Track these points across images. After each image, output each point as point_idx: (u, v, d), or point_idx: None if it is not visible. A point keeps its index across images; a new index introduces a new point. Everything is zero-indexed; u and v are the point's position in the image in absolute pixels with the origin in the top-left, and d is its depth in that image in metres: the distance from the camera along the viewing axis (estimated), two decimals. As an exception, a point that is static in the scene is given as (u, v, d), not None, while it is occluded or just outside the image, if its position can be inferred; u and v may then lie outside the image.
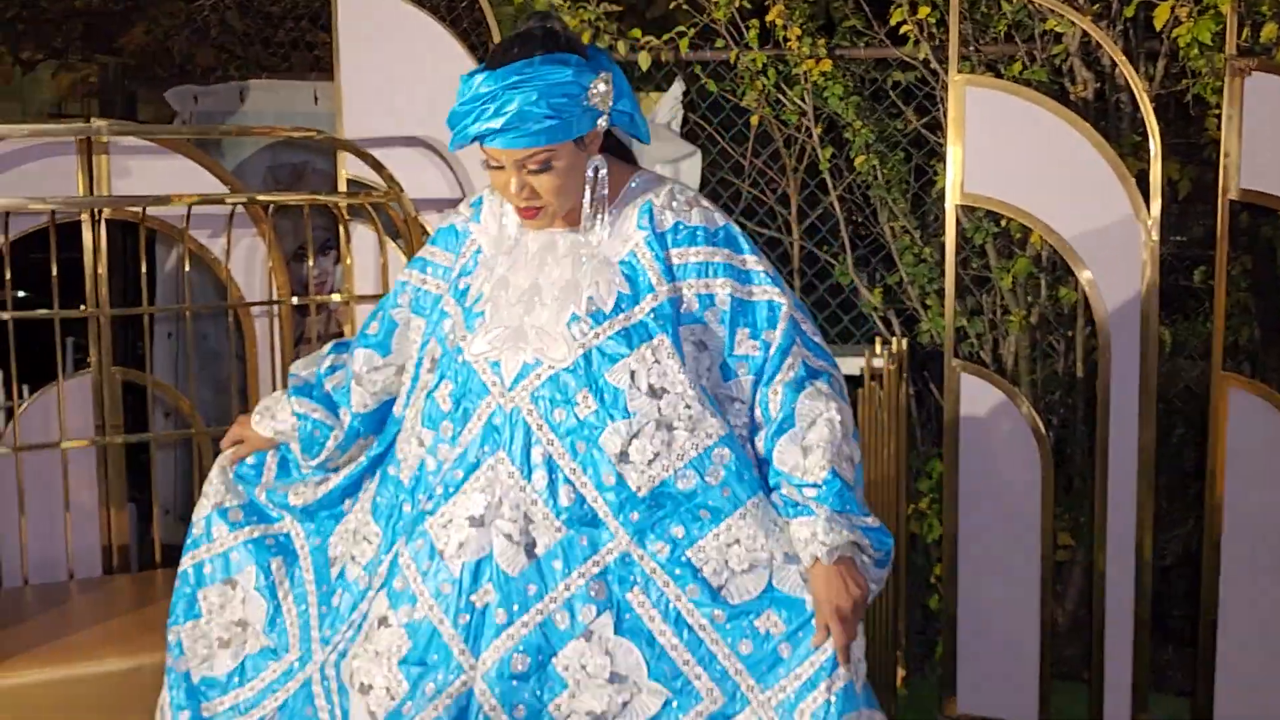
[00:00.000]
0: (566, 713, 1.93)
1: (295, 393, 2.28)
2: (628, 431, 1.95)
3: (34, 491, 3.35)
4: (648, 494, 1.96)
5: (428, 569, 1.99)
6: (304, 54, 4.67)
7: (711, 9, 3.89)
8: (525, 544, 1.95)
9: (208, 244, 3.56)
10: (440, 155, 3.65)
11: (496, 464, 1.98)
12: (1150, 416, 3.22)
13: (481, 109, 1.90)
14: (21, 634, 2.90)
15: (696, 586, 1.95)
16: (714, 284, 2.02)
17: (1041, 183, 3.25)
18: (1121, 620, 3.31)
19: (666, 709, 1.94)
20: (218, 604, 2.26)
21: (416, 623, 1.98)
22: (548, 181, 1.95)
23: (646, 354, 1.97)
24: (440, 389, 2.05)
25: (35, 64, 6.11)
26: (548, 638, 1.94)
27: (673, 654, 1.95)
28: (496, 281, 2.06)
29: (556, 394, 1.97)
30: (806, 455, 1.98)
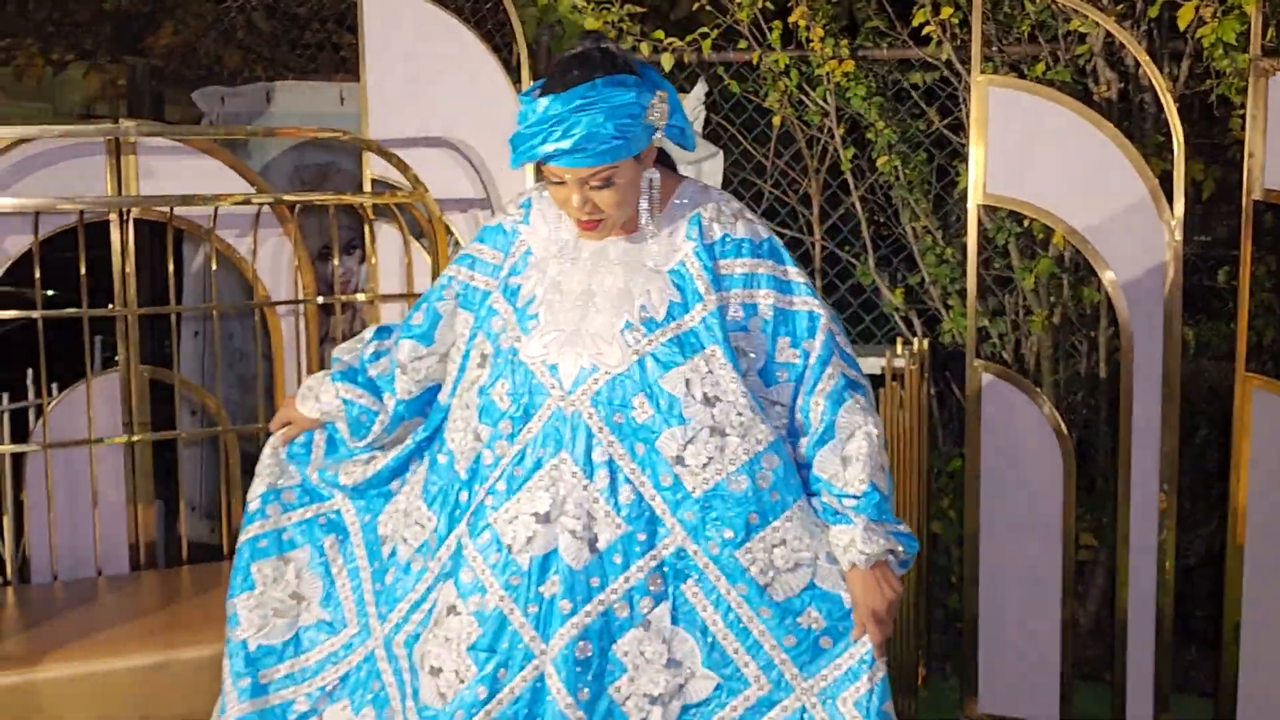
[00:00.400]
0: (626, 695, 2.06)
1: (340, 378, 2.34)
2: (683, 437, 2.06)
3: (63, 488, 3.39)
4: (702, 495, 2.07)
5: (496, 562, 2.09)
6: (330, 55, 4.70)
7: (734, 10, 3.90)
8: (588, 539, 2.06)
9: (234, 243, 3.59)
10: (464, 156, 3.67)
11: (560, 464, 2.08)
12: (1173, 417, 3.21)
13: (549, 131, 1.98)
14: (51, 630, 2.93)
15: (745, 585, 2.07)
16: (757, 294, 2.13)
17: (1064, 183, 3.24)
18: (1144, 620, 3.30)
19: (717, 692, 2.08)
20: (271, 577, 2.35)
21: (486, 612, 2.08)
22: (609, 196, 2.04)
23: (700, 364, 2.08)
24: (497, 387, 2.14)
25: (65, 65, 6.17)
26: (609, 626, 2.06)
27: (724, 643, 2.08)
28: (549, 285, 2.14)
29: (614, 398, 2.07)
30: (846, 466, 2.10)
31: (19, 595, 3.21)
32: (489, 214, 3.67)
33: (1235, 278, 3.29)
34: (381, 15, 3.67)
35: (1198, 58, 3.59)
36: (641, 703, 2.06)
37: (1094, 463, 3.86)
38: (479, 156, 3.67)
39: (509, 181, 3.64)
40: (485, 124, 3.65)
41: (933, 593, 3.85)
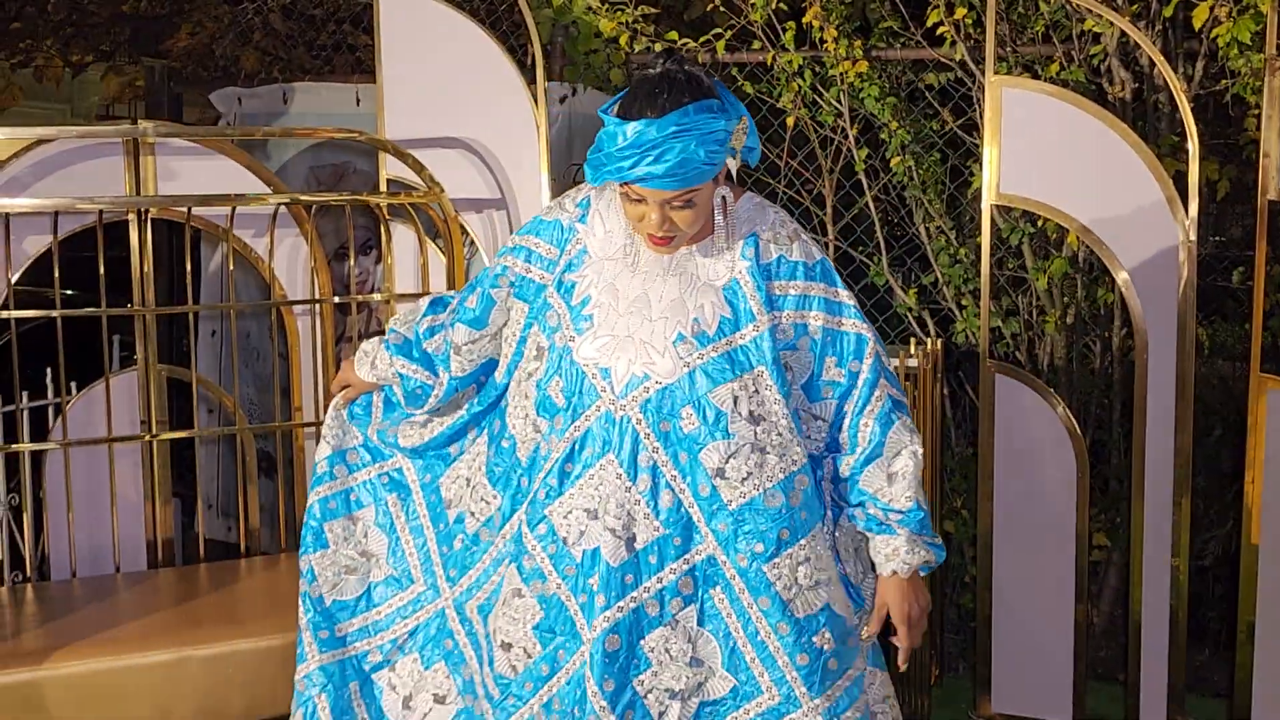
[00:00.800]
0: (649, 688, 2.15)
1: (396, 351, 2.44)
2: (726, 450, 2.14)
3: (81, 486, 3.41)
4: (737, 508, 2.15)
5: (554, 553, 2.20)
6: (346, 56, 4.71)
7: (748, 11, 3.91)
8: (626, 539, 2.15)
9: (251, 243, 3.61)
10: (479, 156, 3.69)
11: (606, 465, 2.16)
12: (1187, 418, 3.21)
13: (643, 155, 2.02)
14: (70, 626, 2.95)
15: (768, 599, 2.16)
16: (808, 315, 2.20)
17: (1078, 183, 3.24)
18: (1158, 621, 3.30)
19: (733, 694, 2.18)
20: (341, 536, 2.49)
21: (548, 596, 2.20)
22: (688, 215, 2.10)
23: (748, 382, 2.15)
24: (552, 384, 2.22)
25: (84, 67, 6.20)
26: (639, 622, 2.15)
27: (743, 650, 2.17)
28: (605, 288, 2.20)
29: (664, 407, 2.14)
30: (892, 483, 2.20)
31: (38, 592, 3.23)
32: (504, 214, 3.69)
33: (1250, 278, 3.29)
34: (397, 17, 3.69)
35: (1213, 57, 3.58)
36: (662, 696, 2.15)
37: (1107, 463, 3.85)
38: (494, 157, 3.68)
39: (524, 182, 3.65)
40: (500, 124, 3.66)
41: (946, 592, 3.85)
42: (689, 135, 2.01)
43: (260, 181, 3.57)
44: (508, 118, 3.65)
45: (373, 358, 2.48)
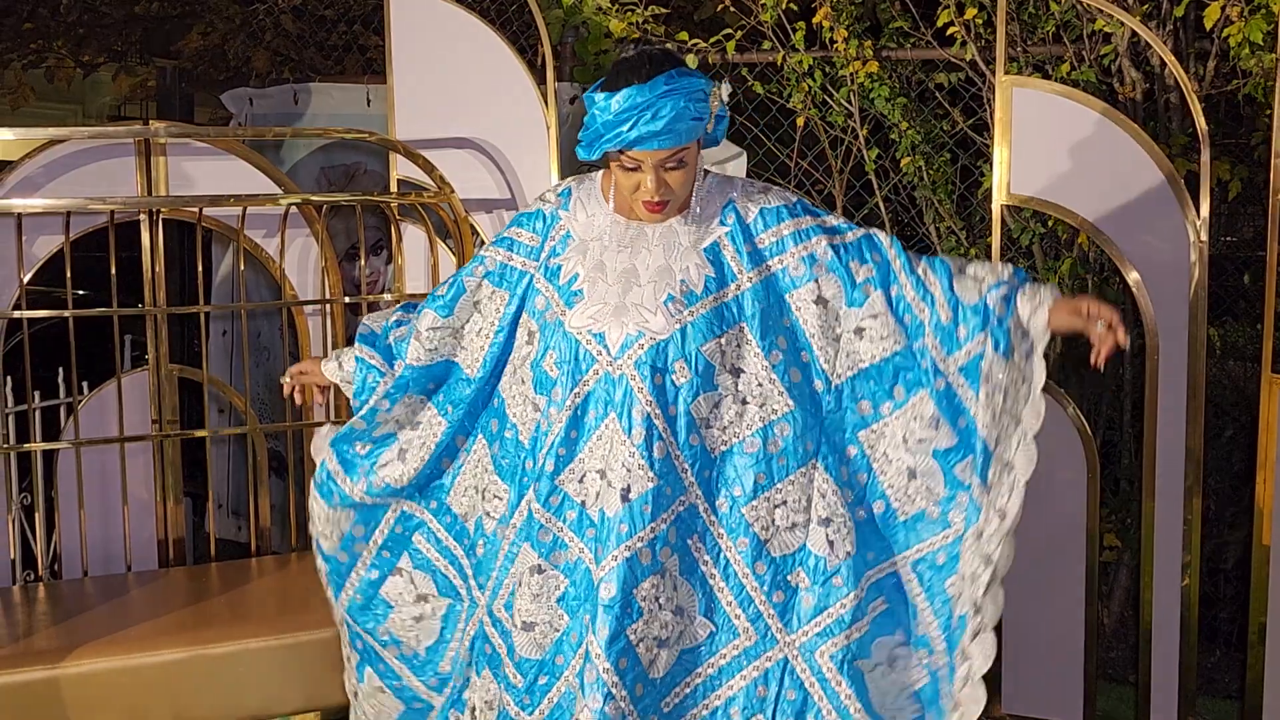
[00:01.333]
0: (641, 637, 2.22)
1: (360, 340, 2.53)
2: (712, 401, 2.26)
3: (93, 486, 3.43)
4: (719, 455, 2.27)
5: (573, 519, 2.28)
6: (357, 57, 4.72)
7: (758, 11, 3.91)
8: (621, 490, 2.23)
9: (262, 243, 3.62)
10: (489, 157, 3.70)
11: (610, 424, 2.26)
12: (1198, 418, 3.20)
13: (640, 115, 2.14)
14: (81, 625, 2.96)
15: (746, 540, 2.26)
16: (812, 244, 2.31)
17: (1089, 183, 3.24)
18: (1169, 622, 3.29)
19: (710, 640, 2.28)
20: (397, 593, 2.54)
21: (572, 563, 2.28)
22: (680, 176, 2.22)
23: (732, 337, 2.27)
24: (546, 358, 2.32)
25: (96, 67, 6.21)
26: (633, 571, 2.22)
27: (719, 595, 2.27)
28: (593, 265, 2.31)
29: (657, 361, 2.24)
30: (981, 282, 2.31)
31: (50, 591, 3.25)
32: (514, 214, 3.69)
33: (1261, 278, 3.27)
34: (408, 18, 3.69)
35: (1224, 57, 3.57)
36: (651, 645, 2.23)
37: (1118, 463, 3.84)
38: (504, 157, 3.69)
39: (534, 182, 3.66)
40: (510, 125, 3.67)
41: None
42: (677, 93, 2.14)
43: (271, 182, 3.58)
44: (518, 118, 3.66)
45: (341, 359, 2.55)
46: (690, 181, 2.25)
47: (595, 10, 3.98)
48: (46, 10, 5.94)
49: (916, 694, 2.32)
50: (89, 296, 4.25)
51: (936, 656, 2.31)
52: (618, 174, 2.23)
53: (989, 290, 2.30)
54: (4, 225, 3.34)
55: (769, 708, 2.27)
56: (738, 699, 2.27)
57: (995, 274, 2.32)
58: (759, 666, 2.27)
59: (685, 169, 2.21)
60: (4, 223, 3.33)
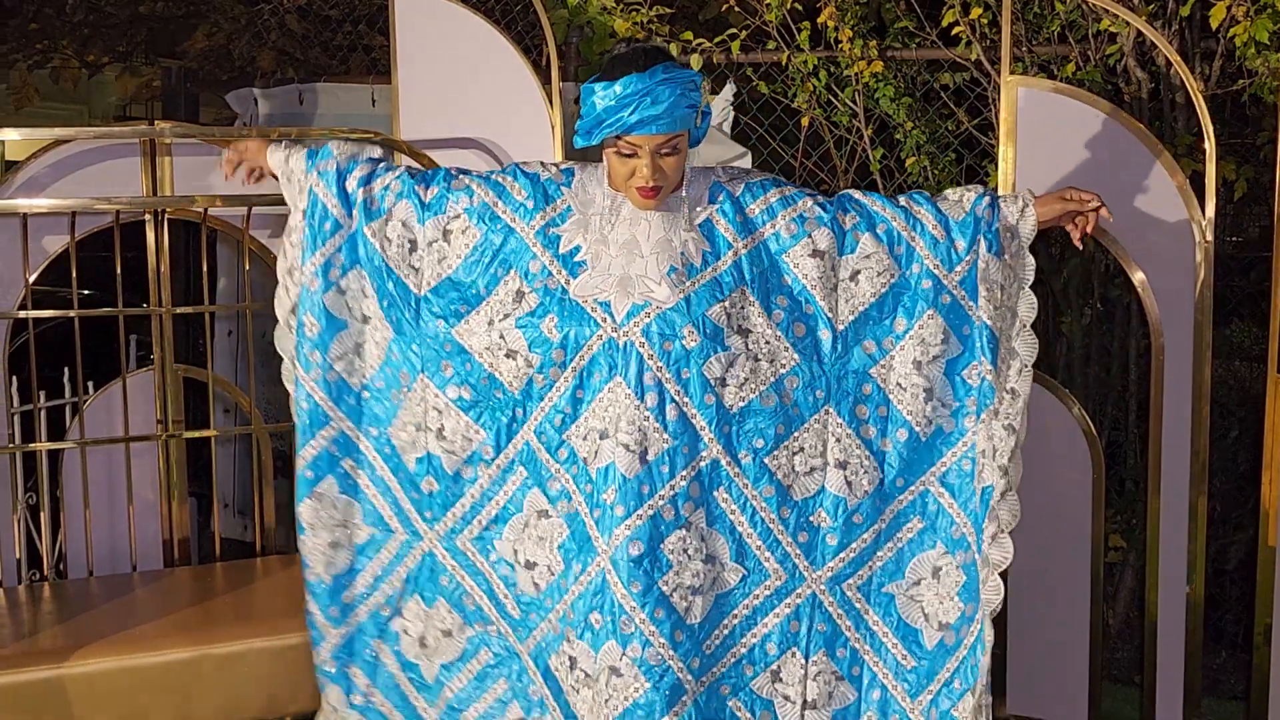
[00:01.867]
0: (673, 587, 2.36)
1: (315, 170, 2.58)
2: (726, 361, 2.39)
3: (98, 485, 3.43)
4: (738, 411, 2.40)
5: (576, 473, 2.42)
6: (362, 57, 4.73)
7: (763, 11, 3.91)
8: (639, 452, 2.36)
9: (268, 243, 3.62)
10: (494, 157, 3.70)
11: (615, 387, 2.37)
12: (1203, 419, 3.20)
13: (640, 101, 2.26)
14: (87, 625, 2.97)
15: (771, 488, 2.42)
16: (799, 206, 2.46)
17: (1094, 183, 3.21)
18: (1174, 623, 3.29)
19: (742, 583, 2.43)
20: (314, 515, 2.58)
21: (572, 514, 2.42)
22: (673, 163, 2.34)
23: (736, 300, 2.40)
24: (546, 321, 2.42)
25: (101, 68, 6.23)
26: (657, 527, 2.36)
27: (749, 541, 2.43)
28: (595, 238, 2.43)
29: (665, 329, 2.37)
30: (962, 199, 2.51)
31: (55, 591, 3.25)
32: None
33: (1267, 279, 3.27)
34: (413, 17, 3.69)
35: (1230, 57, 3.57)
36: (685, 593, 2.37)
37: (1124, 464, 3.84)
38: (509, 157, 3.68)
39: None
40: (515, 125, 3.67)
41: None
42: (674, 81, 2.28)
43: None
44: (523, 118, 3.66)
45: (290, 158, 2.60)
46: (681, 169, 2.38)
47: (600, 10, 3.98)
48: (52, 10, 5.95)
49: (959, 592, 2.49)
50: (94, 296, 4.26)
51: (971, 551, 2.48)
52: (613, 161, 2.36)
53: (974, 203, 2.49)
54: (10, 225, 3.34)
55: (802, 641, 2.44)
56: (773, 635, 2.44)
57: (974, 190, 2.52)
58: (790, 604, 2.44)
59: (678, 156, 2.33)
60: (10, 223, 3.34)
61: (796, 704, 2.44)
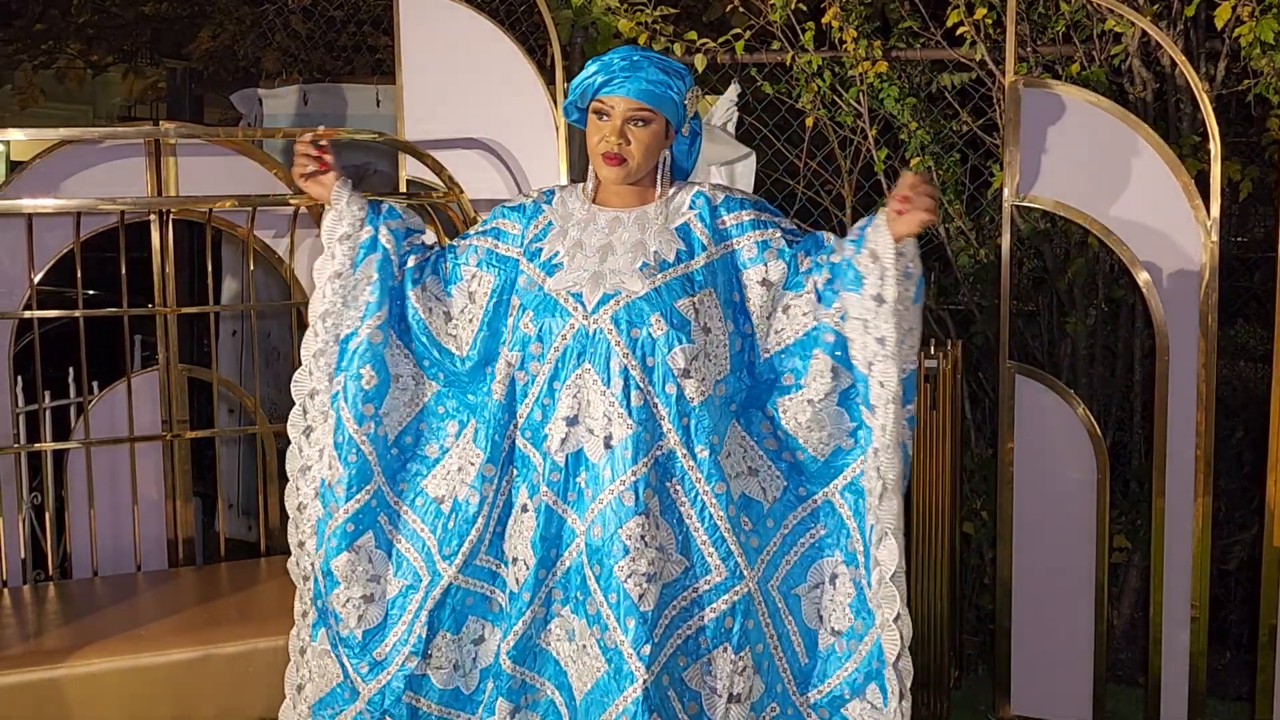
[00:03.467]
0: (628, 573, 2.37)
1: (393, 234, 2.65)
2: (690, 354, 2.42)
3: (103, 485, 3.43)
4: (698, 405, 2.42)
5: (541, 466, 2.45)
6: (366, 57, 4.73)
7: (768, 11, 3.90)
8: (604, 437, 2.40)
9: (272, 244, 3.63)
10: (499, 157, 3.70)
11: (584, 374, 2.43)
12: (1208, 419, 3.19)
13: (618, 70, 2.40)
14: (91, 625, 2.97)
15: (722, 484, 2.43)
16: (768, 233, 2.50)
17: (1099, 184, 3.23)
18: (1179, 624, 3.28)
19: (685, 575, 2.44)
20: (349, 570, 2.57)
21: (540, 506, 2.45)
22: (643, 136, 2.42)
23: (702, 299, 2.45)
24: (524, 318, 2.49)
25: (106, 68, 6.24)
26: (617, 513, 2.38)
27: (694, 535, 2.43)
28: (572, 244, 2.50)
29: (634, 316, 2.41)
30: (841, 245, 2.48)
31: (60, 591, 3.26)
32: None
33: (1272, 279, 3.27)
34: (417, 18, 3.70)
35: (1235, 57, 3.56)
36: (640, 580, 2.38)
37: (1128, 464, 3.84)
38: (513, 157, 3.69)
39: (542, 182, 3.66)
40: (519, 125, 3.67)
41: (965, 594, 3.84)
42: (660, 64, 2.41)
43: (281, 182, 3.58)
44: (527, 118, 3.66)
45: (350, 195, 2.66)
46: (650, 154, 2.45)
47: (604, 11, 3.98)
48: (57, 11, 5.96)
49: (850, 604, 2.52)
50: (99, 296, 4.26)
51: (861, 569, 2.51)
52: (590, 131, 2.44)
53: (846, 243, 2.46)
54: (15, 225, 3.35)
55: (734, 636, 2.44)
56: (707, 629, 2.44)
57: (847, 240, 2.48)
58: (727, 600, 2.44)
59: (648, 132, 2.41)
60: (15, 223, 3.34)
61: (723, 697, 2.45)
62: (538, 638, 2.49)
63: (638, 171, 2.46)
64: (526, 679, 2.50)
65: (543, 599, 2.47)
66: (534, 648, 2.49)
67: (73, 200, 3.28)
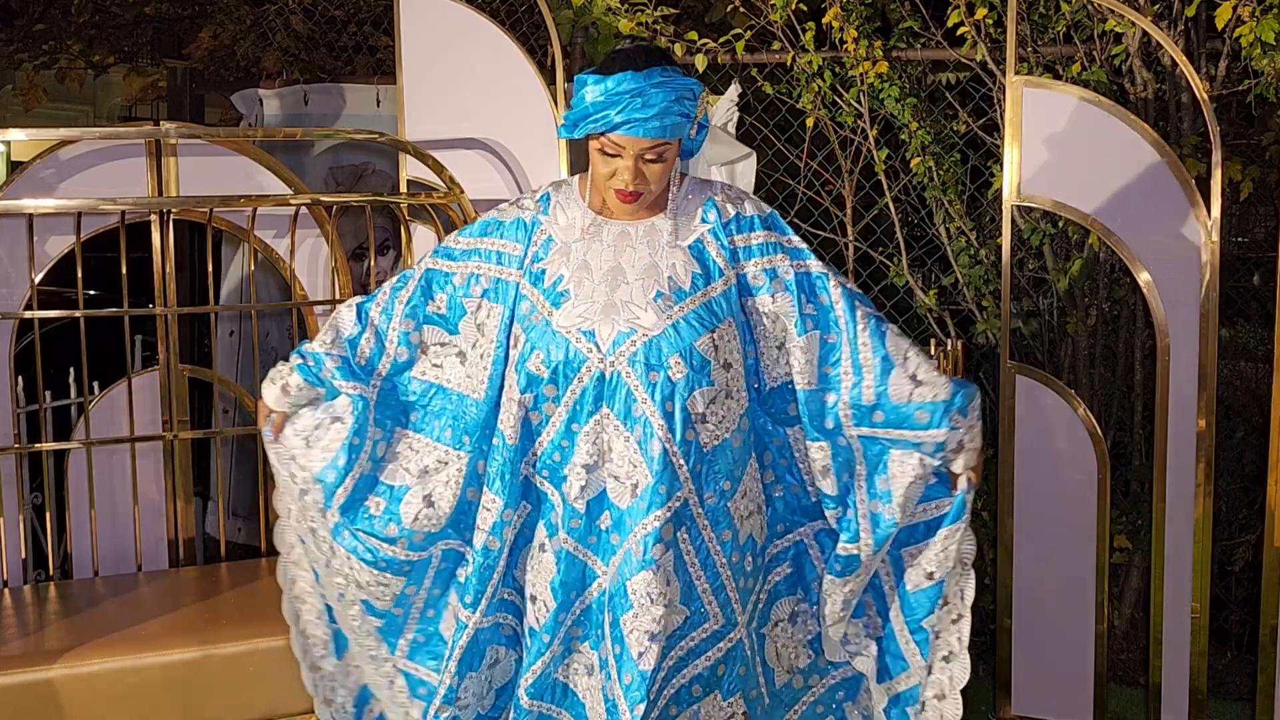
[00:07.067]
0: (630, 629, 2.27)
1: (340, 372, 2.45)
2: (709, 397, 2.28)
3: (103, 486, 3.43)
4: (711, 449, 2.29)
5: (561, 511, 2.32)
6: (366, 58, 4.73)
7: (768, 11, 3.90)
8: (630, 485, 2.27)
9: (272, 244, 3.63)
10: (499, 157, 3.70)
11: (603, 419, 2.28)
12: (1210, 420, 3.19)
13: (630, 102, 2.18)
14: (92, 624, 2.97)
15: (729, 532, 2.33)
16: (775, 259, 2.36)
17: (1100, 184, 3.23)
18: (1179, 624, 3.28)
19: (685, 624, 2.33)
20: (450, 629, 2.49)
21: (559, 552, 2.33)
22: (657, 171, 2.25)
23: (723, 332, 2.30)
24: (533, 358, 2.31)
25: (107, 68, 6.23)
26: (628, 564, 2.27)
27: (697, 584, 2.32)
28: (577, 265, 2.32)
29: (650, 358, 2.26)
30: (919, 384, 2.34)
31: (60, 591, 3.25)
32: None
33: (1273, 279, 3.27)
34: (417, 18, 3.70)
35: (1235, 57, 3.56)
36: (642, 638, 2.27)
37: (1129, 465, 3.83)
38: (514, 158, 3.69)
39: (544, 182, 3.65)
40: (520, 125, 3.67)
41: (966, 594, 3.83)
42: (668, 87, 2.19)
43: (281, 182, 3.58)
44: (528, 119, 3.66)
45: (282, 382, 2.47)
46: (665, 179, 2.29)
47: (605, 11, 3.98)
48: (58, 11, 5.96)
49: (810, 643, 2.48)
50: (100, 297, 4.26)
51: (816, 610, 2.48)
52: (595, 160, 2.27)
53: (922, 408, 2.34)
54: (16, 225, 3.35)
55: (724, 683, 2.37)
56: (702, 677, 2.36)
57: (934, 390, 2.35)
58: (720, 648, 2.35)
59: (663, 164, 2.25)
60: (16, 223, 3.34)
61: None
62: (556, 672, 2.40)
63: (653, 196, 2.31)
64: (544, 711, 2.41)
65: (562, 638, 2.37)
66: (552, 682, 2.40)
67: (73, 200, 3.28)
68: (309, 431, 2.44)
